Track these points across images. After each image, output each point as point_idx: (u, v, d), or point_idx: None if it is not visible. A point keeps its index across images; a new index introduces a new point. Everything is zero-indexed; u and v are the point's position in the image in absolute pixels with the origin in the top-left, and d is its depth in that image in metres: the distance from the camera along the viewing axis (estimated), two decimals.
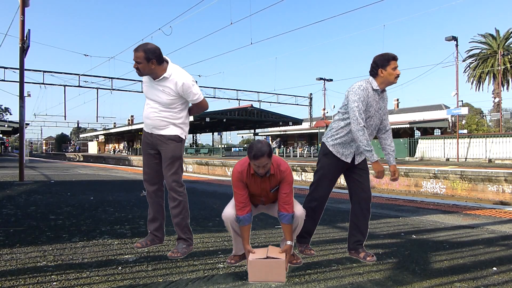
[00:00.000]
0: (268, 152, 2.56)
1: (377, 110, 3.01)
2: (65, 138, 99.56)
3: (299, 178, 19.53)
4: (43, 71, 28.99)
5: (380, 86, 2.98)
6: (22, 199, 6.28)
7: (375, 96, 2.98)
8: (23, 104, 9.89)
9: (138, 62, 2.92)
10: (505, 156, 18.38)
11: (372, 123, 3.00)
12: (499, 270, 2.78)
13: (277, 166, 2.71)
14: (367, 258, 2.91)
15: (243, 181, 2.71)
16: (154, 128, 3.12)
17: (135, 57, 2.93)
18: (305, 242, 3.14)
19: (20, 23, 9.79)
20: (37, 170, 15.50)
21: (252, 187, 2.73)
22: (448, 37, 20.98)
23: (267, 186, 2.72)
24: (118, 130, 53.47)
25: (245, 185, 2.72)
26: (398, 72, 2.94)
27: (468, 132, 29.97)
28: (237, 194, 2.72)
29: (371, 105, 2.96)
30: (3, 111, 59.27)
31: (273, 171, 2.69)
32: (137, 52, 2.92)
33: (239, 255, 2.83)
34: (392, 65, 2.92)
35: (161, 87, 3.02)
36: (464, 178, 13.54)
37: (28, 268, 2.67)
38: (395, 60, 2.95)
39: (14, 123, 32.09)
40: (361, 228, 3.06)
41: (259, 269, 2.48)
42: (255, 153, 2.55)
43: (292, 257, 2.75)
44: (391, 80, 2.95)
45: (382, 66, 2.94)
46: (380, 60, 2.96)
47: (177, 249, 3.04)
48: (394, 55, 2.97)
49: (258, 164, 2.57)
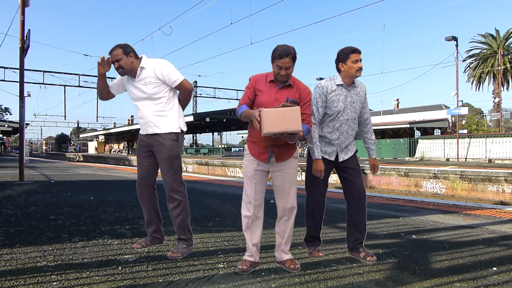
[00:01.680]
0: (294, 55, 2.55)
1: (349, 104, 3.00)
2: (65, 138, 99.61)
3: (299, 178, 19.54)
4: (43, 71, 29.01)
5: (345, 80, 2.99)
6: (22, 199, 6.28)
7: (340, 91, 2.99)
8: (23, 104, 9.89)
9: (118, 60, 2.98)
10: (505, 156, 18.38)
11: (346, 117, 3.00)
12: (499, 270, 2.78)
13: (297, 81, 2.70)
14: (367, 258, 2.91)
15: (255, 88, 2.66)
16: (150, 126, 3.11)
17: (114, 56, 2.99)
18: (313, 245, 3.14)
19: (20, 23, 9.79)
20: (37, 170, 15.50)
21: (266, 95, 2.63)
22: (448, 37, 20.96)
23: (283, 95, 2.62)
24: (118, 130, 53.49)
25: (254, 94, 2.66)
26: (360, 65, 2.93)
27: (468, 132, 29.97)
28: (244, 94, 2.72)
29: (335, 100, 2.97)
30: (3, 111, 59.30)
31: (292, 82, 2.67)
32: (114, 50, 3.00)
33: (252, 261, 2.71)
34: (352, 58, 2.92)
35: (143, 81, 3.05)
36: (464, 178, 13.54)
37: (28, 268, 2.67)
38: (356, 53, 2.94)
39: (14, 123, 32.11)
40: (359, 227, 3.05)
41: (274, 119, 2.37)
42: (280, 52, 2.53)
43: (290, 262, 2.72)
44: (353, 73, 2.95)
45: (342, 60, 2.96)
46: (341, 54, 2.98)
47: (177, 249, 3.04)
48: (354, 48, 2.96)
49: (281, 64, 2.54)
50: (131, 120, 66.57)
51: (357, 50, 2.95)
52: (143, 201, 3.26)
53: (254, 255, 2.71)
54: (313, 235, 3.16)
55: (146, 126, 3.13)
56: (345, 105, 2.99)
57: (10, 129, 34.89)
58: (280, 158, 2.69)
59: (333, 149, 3.04)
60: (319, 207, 3.11)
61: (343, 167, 3.08)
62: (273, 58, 2.58)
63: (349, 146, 3.10)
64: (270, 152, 2.67)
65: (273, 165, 2.71)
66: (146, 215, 3.28)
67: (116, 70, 3.04)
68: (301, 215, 2.79)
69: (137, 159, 3.27)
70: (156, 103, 3.08)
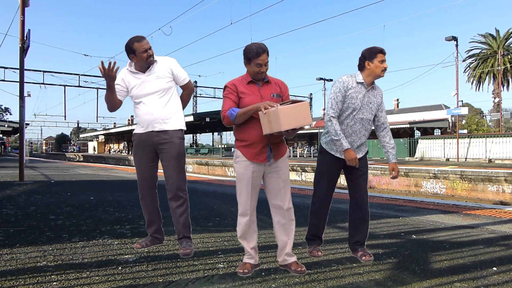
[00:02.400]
0: (267, 50, 2.61)
1: (366, 103, 2.99)
2: (65, 138, 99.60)
3: (299, 178, 19.52)
4: (43, 71, 29.02)
5: (366, 79, 2.98)
6: (22, 199, 6.28)
7: (359, 89, 2.97)
8: (23, 104, 9.89)
9: (150, 48, 2.98)
10: (505, 156, 18.39)
11: (361, 116, 2.98)
12: (499, 270, 2.78)
13: (271, 77, 2.75)
14: (362, 258, 2.90)
15: (237, 91, 2.65)
16: (158, 123, 3.03)
17: (146, 44, 2.96)
18: (313, 244, 3.13)
19: (20, 23, 9.79)
20: (37, 170, 15.50)
21: (251, 97, 2.63)
22: (448, 37, 20.98)
23: (267, 92, 2.67)
24: (118, 130, 53.48)
25: (238, 97, 2.65)
26: (385, 65, 2.94)
27: (468, 132, 29.96)
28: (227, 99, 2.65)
29: (354, 97, 2.95)
30: (3, 111, 59.28)
31: (268, 78, 2.72)
32: (145, 39, 2.99)
33: (252, 263, 2.69)
34: (379, 58, 2.92)
35: (155, 75, 3.02)
36: (464, 178, 13.54)
37: (28, 268, 2.67)
38: (383, 53, 2.94)
39: (14, 123, 32.09)
40: (360, 229, 3.05)
41: (290, 116, 2.41)
42: (257, 50, 2.57)
43: (296, 265, 2.68)
44: (378, 73, 2.95)
45: (369, 58, 2.95)
46: (368, 53, 2.97)
47: (185, 246, 3.03)
48: (381, 48, 2.96)
49: (261, 61, 2.57)
50: (131, 120, 66.57)
51: (384, 51, 2.95)
52: (146, 202, 3.23)
53: (254, 256, 2.71)
54: (314, 234, 3.15)
55: (154, 123, 3.04)
56: (362, 104, 2.97)
57: (10, 129, 34.87)
58: (278, 156, 2.68)
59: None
60: (325, 205, 3.10)
61: (350, 167, 3.06)
62: (250, 58, 2.59)
63: (361, 147, 3.06)
64: (269, 151, 2.65)
65: (269, 166, 2.69)
66: (148, 215, 3.26)
67: (147, 59, 2.97)
68: (300, 215, 2.79)
69: (139, 159, 3.16)
70: (165, 99, 3.06)
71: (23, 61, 9.97)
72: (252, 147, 2.64)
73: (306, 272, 2.62)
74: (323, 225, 3.15)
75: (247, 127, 2.63)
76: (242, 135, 2.67)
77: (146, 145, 3.11)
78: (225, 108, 2.62)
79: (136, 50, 2.94)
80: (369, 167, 3.09)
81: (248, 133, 2.63)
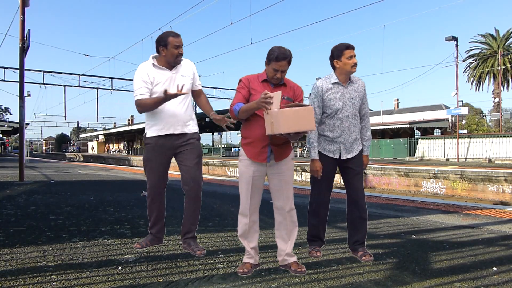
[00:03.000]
0: (290, 58, 2.55)
1: (347, 100, 2.99)
2: (65, 138, 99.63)
3: (299, 178, 19.52)
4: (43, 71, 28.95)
5: (340, 78, 3.00)
6: (22, 199, 6.28)
7: (337, 89, 2.99)
8: (23, 104, 9.89)
9: (182, 46, 2.93)
10: (505, 156, 18.38)
11: (346, 114, 2.99)
12: (499, 270, 2.78)
13: (288, 80, 2.71)
14: (362, 258, 2.90)
15: (249, 87, 2.63)
16: (180, 125, 2.98)
17: (181, 41, 2.91)
18: (313, 245, 3.13)
19: (20, 23, 9.79)
20: (37, 170, 15.50)
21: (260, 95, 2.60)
22: (448, 37, 20.96)
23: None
24: (118, 130, 53.47)
25: (249, 93, 2.63)
26: (355, 60, 2.94)
27: (468, 132, 29.96)
28: (238, 93, 2.65)
29: (332, 99, 2.97)
30: (3, 111, 59.30)
31: (285, 81, 2.68)
32: (180, 37, 2.92)
33: (252, 263, 2.68)
34: (347, 55, 2.93)
35: (180, 74, 2.96)
36: (464, 178, 13.54)
37: (28, 268, 2.67)
38: (350, 49, 2.94)
39: (14, 123, 32.11)
40: (358, 228, 3.05)
41: (291, 119, 2.37)
42: (278, 55, 2.52)
43: (296, 265, 2.68)
44: (348, 70, 2.95)
45: (337, 57, 2.97)
46: (335, 51, 2.98)
47: (197, 247, 3.06)
48: (348, 44, 2.96)
49: (278, 67, 2.53)
50: (131, 120, 66.55)
51: (351, 46, 2.95)
52: (156, 205, 3.18)
53: (254, 256, 2.70)
54: (314, 234, 3.15)
55: (176, 125, 2.97)
56: (344, 102, 2.99)
57: (10, 129, 34.88)
58: (279, 157, 2.67)
59: (337, 147, 3.03)
60: (323, 206, 3.10)
61: (344, 166, 3.07)
62: (269, 60, 2.57)
63: (354, 145, 3.05)
64: (269, 152, 2.64)
65: (271, 167, 2.68)
66: (155, 216, 3.21)
67: (177, 56, 2.91)
68: (300, 215, 2.79)
69: (154, 163, 3.04)
70: (187, 101, 3.04)
71: (23, 61, 9.97)
72: (253, 146, 2.64)
73: (306, 272, 2.61)
74: (323, 226, 3.14)
75: (251, 125, 2.63)
76: (246, 133, 2.69)
77: (164, 149, 3.01)
78: (233, 102, 2.63)
79: (169, 43, 2.87)
80: (369, 167, 3.09)
81: (252, 130, 2.63)
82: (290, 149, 2.76)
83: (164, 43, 2.88)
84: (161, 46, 2.89)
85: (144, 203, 3.38)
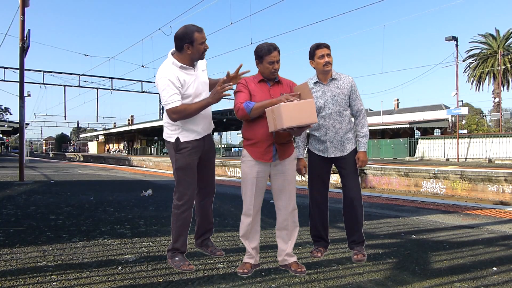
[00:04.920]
0: (278, 48, 2.63)
1: (329, 97, 2.99)
2: (65, 138, 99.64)
3: (298, 178, 19.55)
4: (43, 71, 28.98)
5: (320, 77, 3.03)
6: (22, 199, 6.28)
7: (318, 88, 3.03)
8: (23, 104, 9.89)
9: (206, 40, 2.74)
10: (505, 156, 18.39)
11: (328, 111, 2.99)
12: (499, 270, 2.78)
13: (282, 78, 2.74)
14: (353, 257, 2.90)
15: (248, 88, 2.64)
16: (208, 127, 2.88)
17: (205, 35, 2.69)
18: (316, 245, 3.13)
19: (20, 23, 9.79)
20: (37, 170, 15.50)
21: (260, 95, 2.62)
22: (448, 37, 20.97)
23: (277, 92, 2.66)
24: (118, 130, 53.48)
25: (249, 93, 2.64)
26: (326, 59, 2.93)
27: (468, 132, 29.96)
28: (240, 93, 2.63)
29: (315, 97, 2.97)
30: (3, 111, 59.29)
31: (280, 78, 2.73)
32: (203, 30, 2.69)
33: (252, 263, 2.68)
34: (318, 54, 2.94)
35: (200, 69, 2.83)
36: (464, 178, 13.54)
37: (28, 268, 2.67)
38: (320, 48, 2.94)
39: (14, 123, 32.09)
40: (354, 227, 3.04)
41: (293, 113, 2.38)
42: (268, 48, 2.59)
43: (296, 265, 2.68)
44: (321, 69, 2.97)
45: (311, 57, 3.00)
46: (309, 52, 3.01)
47: (215, 248, 3.06)
48: (318, 43, 2.97)
49: (272, 58, 2.59)
50: (131, 120, 66.55)
51: (321, 45, 2.95)
52: (189, 217, 2.83)
53: (255, 256, 2.70)
54: (315, 235, 3.14)
55: (207, 126, 2.86)
56: (325, 100, 2.99)
57: (10, 129, 34.88)
58: (283, 156, 2.68)
59: (325, 146, 3.04)
60: (322, 205, 3.10)
61: (338, 165, 3.08)
62: (261, 56, 2.61)
63: (345, 143, 3.02)
64: (274, 151, 2.65)
65: (275, 167, 2.69)
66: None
67: (203, 52, 2.73)
68: (300, 214, 2.79)
69: (192, 168, 2.78)
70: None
71: (23, 61, 9.97)
72: (258, 146, 2.64)
73: (306, 272, 2.61)
74: (324, 226, 3.13)
75: (254, 126, 2.64)
76: (249, 134, 2.68)
77: (198, 152, 2.81)
78: (239, 101, 2.60)
79: (195, 40, 2.63)
80: (369, 167, 3.09)
81: (255, 131, 2.64)
82: (293, 148, 2.78)
83: (190, 40, 2.63)
84: (187, 43, 2.63)
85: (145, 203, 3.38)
